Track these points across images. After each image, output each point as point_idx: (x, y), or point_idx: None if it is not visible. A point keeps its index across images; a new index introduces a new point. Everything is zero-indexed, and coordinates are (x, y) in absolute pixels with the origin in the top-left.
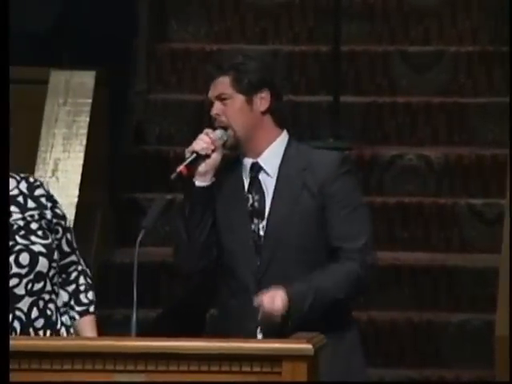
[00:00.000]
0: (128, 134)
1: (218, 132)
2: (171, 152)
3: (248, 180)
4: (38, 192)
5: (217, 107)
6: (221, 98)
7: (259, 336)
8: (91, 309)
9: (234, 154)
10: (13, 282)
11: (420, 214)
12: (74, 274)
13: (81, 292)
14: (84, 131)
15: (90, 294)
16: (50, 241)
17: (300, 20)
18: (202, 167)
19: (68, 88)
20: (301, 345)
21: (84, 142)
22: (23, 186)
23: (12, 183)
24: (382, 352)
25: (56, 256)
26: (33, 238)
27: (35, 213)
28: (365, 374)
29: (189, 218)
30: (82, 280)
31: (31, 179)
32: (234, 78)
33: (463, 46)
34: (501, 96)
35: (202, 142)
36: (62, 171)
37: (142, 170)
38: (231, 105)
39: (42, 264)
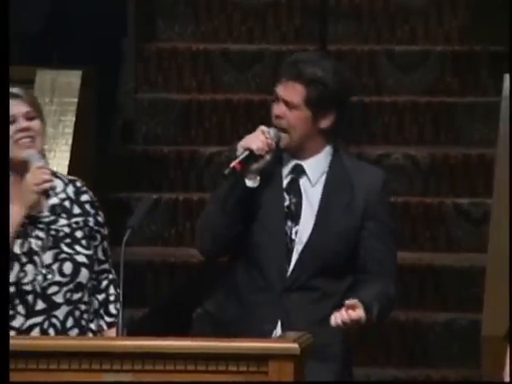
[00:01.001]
0: (115, 134)
1: (273, 132)
2: (158, 151)
3: (288, 180)
4: (84, 198)
5: (281, 109)
6: (288, 104)
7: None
8: (117, 320)
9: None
10: (52, 289)
11: (406, 214)
12: (105, 283)
13: (110, 302)
14: (70, 130)
15: (118, 305)
16: (92, 251)
17: (287, 19)
18: (254, 166)
19: (54, 87)
20: (287, 344)
21: (70, 141)
22: (70, 190)
23: (59, 185)
24: (368, 351)
25: (96, 266)
26: (77, 247)
27: (80, 220)
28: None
29: (230, 213)
30: (111, 290)
31: (78, 183)
32: (309, 91)
33: (450, 45)
34: (487, 96)
35: (259, 142)
36: None
37: (128, 170)
38: (296, 114)
39: (84, 275)
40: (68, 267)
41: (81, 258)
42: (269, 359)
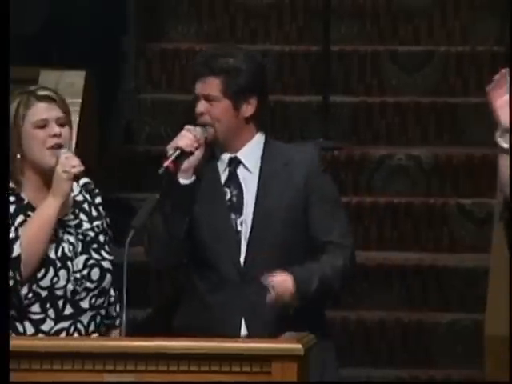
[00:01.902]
0: (118, 134)
1: (199, 129)
2: (161, 152)
3: (226, 174)
4: (98, 200)
5: (202, 105)
6: (208, 98)
7: (243, 329)
8: (117, 322)
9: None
10: (80, 295)
11: (409, 214)
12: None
13: (110, 304)
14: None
15: (117, 307)
16: (113, 256)
17: (290, 20)
18: (185, 164)
19: (57, 88)
20: (291, 345)
21: (73, 141)
22: (86, 192)
23: (75, 187)
24: (371, 352)
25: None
26: (103, 253)
27: (99, 223)
28: (337, 375)
29: (171, 215)
30: (112, 291)
31: (91, 185)
32: (224, 82)
33: (453, 45)
34: None
35: (186, 139)
36: None
37: (131, 170)
38: (217, 107)
39: (108, 281)
40: (96, 273)
41: (106, 264)
42: (272, 360)
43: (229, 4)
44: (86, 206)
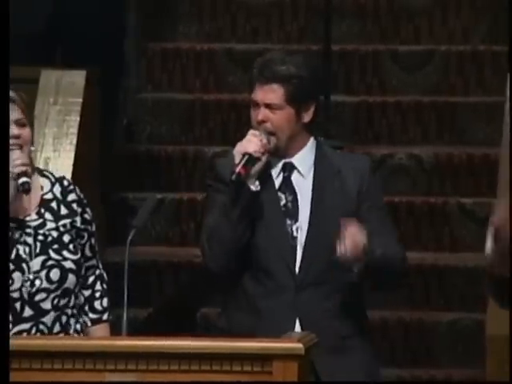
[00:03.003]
0: (119, 134)
1: (265, 136)
2: (162, 151)
3: (280, 180)
4: (71, 197)
5: (264, 114)
6: (270, 107)
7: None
8: (104, 317)
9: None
10: (40, 296)
11: (411, 214)
12: (91, 279)
13: (96, 299)
14: (74, 130)
15: (105, 301)
16: (79, 255)
17: (291, 19)
18: (254, 170)
19: (58, 87)
20: (291, 344)
21: (74, 141)
22: (57, 189)
23: (46, 185)
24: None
25: (83, 271)
26: (65, 253)
27: (67, 222)
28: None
29: (238, 222)
30: (98, 286)
31: (65, 182)
32: (288, 90)
33: (454, 45)
34: (492, 95)
35: (254, 144)
36: (52, 170)
37: (132, 170)
38: (280, 115)
39: (71, 281)
40: (55, 274)
41: (68, 264)
42: (273, 359)
43: (230, 3)
44: (54, 204)
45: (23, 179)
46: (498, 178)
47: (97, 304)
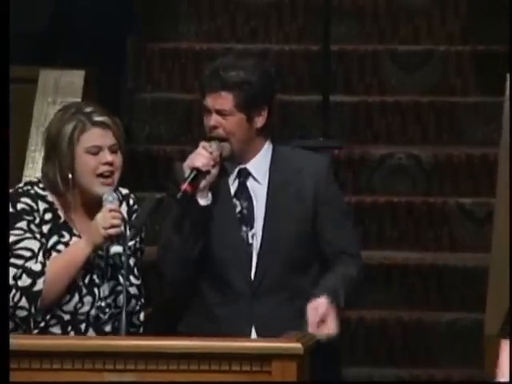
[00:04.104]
0: None
1: (214, 145)
2: (161, 151)
3: (235, 186)
4: (135, 217)
5: (216, 119)
6: (221, 113)
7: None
8: (141, 330)
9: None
10: (105, 319)
11: (410, 214)
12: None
13: (134, 313)
14: None
15: (142, 316)
16: (141, 280)
17: (290, 19)
18: (203, 184)
19: (57, 87)
20: (290, 344)
21: None
22: (124, 209)
23: (116, 204)
24: (371, 351)
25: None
26: (132, 278)
27: (132, 244)
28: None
29: (189, 234)
30: (139, 301)
31: (131, 201)
32: (237, 96)
33: (453, 45)
34: (491, 95)
35: (203, 158)
36: None
37: (131, 170)
38: (231, 120)
39: (132, 305)
40: (121, 299)
41: (133, 290)
42: (272, 359)
43: (229, 3)
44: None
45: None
46: (497, 178)
47: (134, 319)
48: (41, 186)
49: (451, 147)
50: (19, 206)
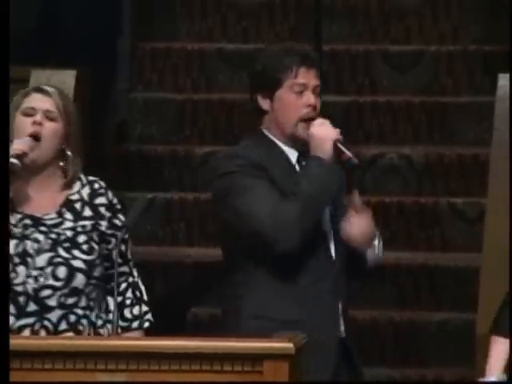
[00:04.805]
0: (109, 133)
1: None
2: (152, 151)
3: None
4: (99, 200)
5: (315, 99)
6: (315, 91)
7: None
8: (134, 325)
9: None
10: (46, 292)
11: (401, 214)
12: (123, 286)
13: (126, 306)
14: None
15: (136, 309)
16: (93, 256)
17: (281, 19)
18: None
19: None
20: (282, 344)
21: None
22: (85, 191)
23: (76, 186)
24: (362, 351)
25: (98, 272)
26: (75, 251)
27: (89, 223)
28: None
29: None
30: (129, 293)
31: (96, 185)
32: (318, 74)
33: (444, 45)
34: (482, 95)
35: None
36: None
37: (123, 169)
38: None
39: (80, 280)
40: (62, 271)
41: (77, 263)
42: (264, 359)
43: (220, 3)
44: (78, 205)
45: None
46: (488, 178)
47: (126, 312)
48: None
49: (443, 147)
50: None
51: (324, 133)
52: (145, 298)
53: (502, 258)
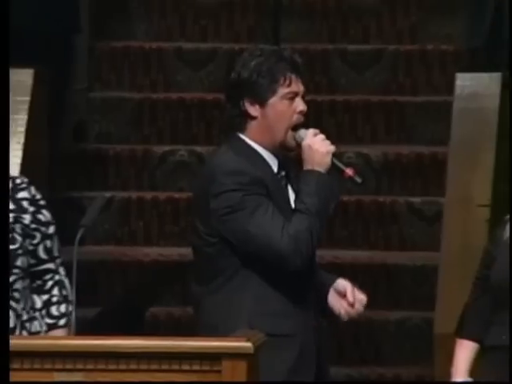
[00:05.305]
0: (67, 132)
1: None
2: (111, 150)
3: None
4: (21, 195)
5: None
6: (303, 97)
7: None
8: (61, 322)
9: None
10: None
11: (359, 213)
12: (50, 284)
13: (52, 304)
14: (22, 129)
15: (63, 307)
16: (15, 246)
17: (240, 19)
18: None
19: None
20: (240, 343)
21: (22, 140)
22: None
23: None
24: None
25: (21, 262)
26: None
27: (11, 215)
28: None
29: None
30: (55, 291)
31: (18, 180)
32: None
33: (402, 44)
34: (439, 94)
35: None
36: None
37: (81, 169)
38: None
39: None
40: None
41: None
42: (222, 358)
43: (179, 2)
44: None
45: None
46: (446, 177)
47: (53, 309)
48: None
49: (401, 146)
50: None
51: (323, 147)
52: (70, 297)
53: (460, 257)
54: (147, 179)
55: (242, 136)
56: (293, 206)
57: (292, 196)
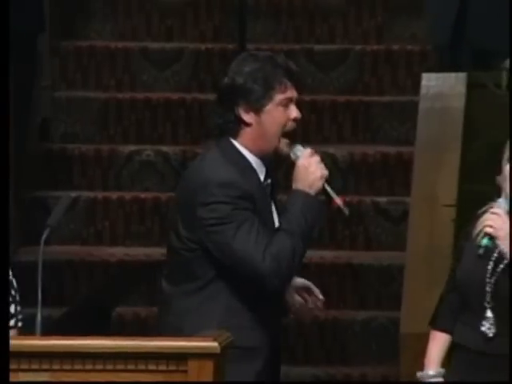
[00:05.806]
0: (32, 132)
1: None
2: (76, 150)
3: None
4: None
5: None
6: (296, 103)
7: None
8: (10, 323)
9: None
10: None
11: (325, 213)
12: None
13: None
14: None
15: (12, 308)
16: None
17: (206, 18)
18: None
19: None
20: (207, 343)
21: None
22: None
23: None
24: (287, 349)
25: None
26: None
27: None
28: None
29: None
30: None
31: None
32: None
33: (368, 44)
34: (405, 95)
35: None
36: None
37: (46, 168)
38: None
39: None
40: None
41: None
42: (188, 358)
43: (144, 2)
44: None
45: None
46: (412, 177)
47: None
48: None
49: (366, 146)
50: None
51: (319, 170)
52: (18, 298)
53: (426, 257)
54: (113, 179)
55: (233, 141)
56: (275, 215)
57: (273, 205)
